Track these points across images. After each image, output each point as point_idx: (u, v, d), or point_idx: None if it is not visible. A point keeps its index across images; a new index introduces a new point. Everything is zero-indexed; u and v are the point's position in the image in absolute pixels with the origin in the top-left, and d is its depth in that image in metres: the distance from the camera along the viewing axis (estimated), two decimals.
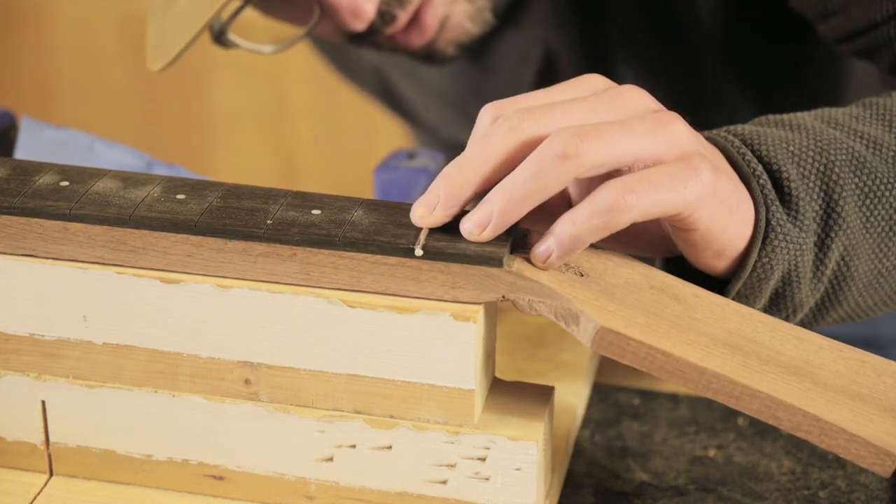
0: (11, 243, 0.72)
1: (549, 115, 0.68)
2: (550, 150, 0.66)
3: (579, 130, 0.67)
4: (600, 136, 0.67)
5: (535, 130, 0.68)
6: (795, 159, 0.74)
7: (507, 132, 0.68)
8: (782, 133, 0.75)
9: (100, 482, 0.76)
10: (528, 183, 0.67)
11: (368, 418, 0.71)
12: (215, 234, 0.70)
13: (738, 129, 0.76)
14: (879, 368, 0.71)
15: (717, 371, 0.67)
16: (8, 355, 0.74)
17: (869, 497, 0.78)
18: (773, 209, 0.72)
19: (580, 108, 0.69)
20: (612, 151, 0.67)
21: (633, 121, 0.68)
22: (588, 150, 0.66)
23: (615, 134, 0.67)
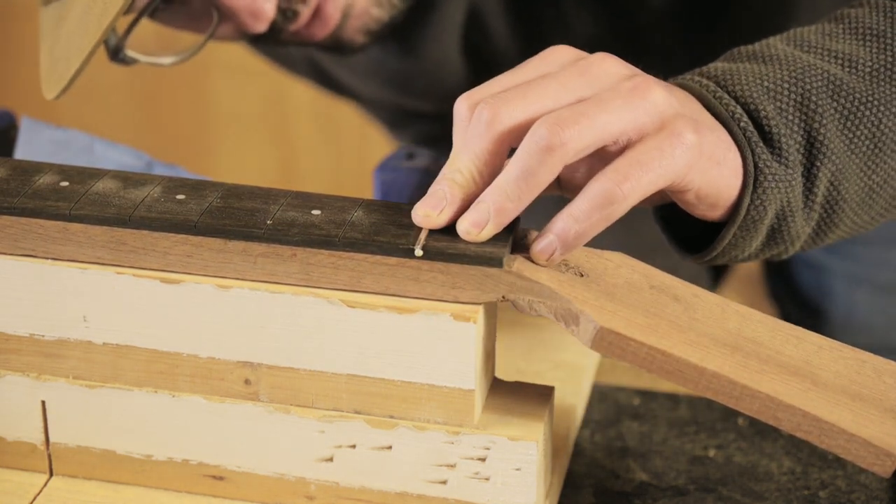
0: (11, 243, 0.72)
1: (523, 100, 0.68)
2: (535, 145, 0.66)
3: (559, 118, 0.67)
4: (580, 119, 0.67)
5: (511, 119, 0.68)
6: (771, 94, 0.74)
7: (486, 128, 0.68)
8: (755, 67, 0.75)
9: (100, 482, 0.76)
10: (519, 181, 0.67)
11: (368, 418, 0.71)
12: (215, 234, 0.70)
13: (710, 69, 0.75)
14: (879, 368, 0.71)
15: (716, 371, 0.67)
16: (8, 355, 0.74)
17: (869, 497, 0.78)
18: (757, 151, 0.72)
19: (552, 86, 0.69)
20: (594, 133, 0.67)
21: (609, 94, 0.68)
22: (571, 136, 0.66)
23: (594, 113, 0.67)
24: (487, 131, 0.68)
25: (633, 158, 0.68)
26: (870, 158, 0.75)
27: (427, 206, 0.69)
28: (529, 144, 0.67)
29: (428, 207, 0.69)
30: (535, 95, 0.68)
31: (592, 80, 0.69)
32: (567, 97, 0.68)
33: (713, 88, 0.74)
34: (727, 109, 0.73)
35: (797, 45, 0.77)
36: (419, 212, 0.69)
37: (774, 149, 0.73)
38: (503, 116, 0.68)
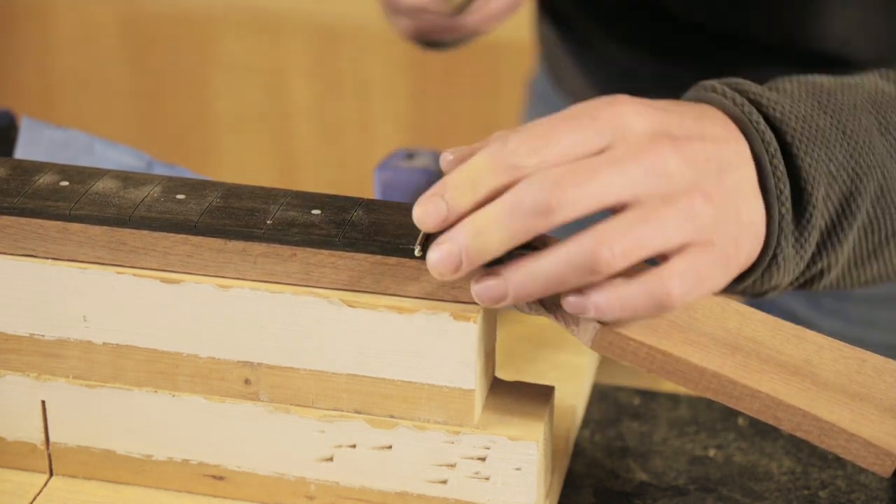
0: (11, 243, 0.72)
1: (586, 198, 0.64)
2: (526, 204, 0.63)
3: (557, 181, 0.63)
4: (580, 184, 0.63)
5: (565, 218, 0.64)
6: (828, 181, 0.70)
7: (537, 217, 0.63)
8: (827, 132, 0.70)
9: (100, 482, 0.76)
10: (498, 242, 0.64)
11: (368, 418, 0.71)
12: (215, 234, 0.70)
13: (781, 113, 0.70)
14: (879, 367, 0.71)
15: (717, 371, 0.67)
16: (8, 355, 0.74)
17: (869, 497, 0.78)
18: (783, 244, 0.69)
19: (616, 180, 0.64)
20: (592, 201, 0.64)
21: (618, 159, 0.64)
22: (567, 203, 0.63)
23: (598, 178, 0.64)
24: (535, 220, 0.64)
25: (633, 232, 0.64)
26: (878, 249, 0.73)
27: (444, 265, 0.65)
28: (520, 202, 0.63)
29: (445, 266, 0.65)
30: (594, 189, 0.64)
31: (651, 176, 0.64)
32: (623, 195, 0.64)
33: (772, 146, 0.69)
34: (777, 185, 0.68)
35: (878, 120, 0.72)
36: (437, 269, 0.66)
37: (800, 234, 0.70)
38: (560, 214, 0.63)
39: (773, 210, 0.69)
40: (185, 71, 2.27)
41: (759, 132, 0.69)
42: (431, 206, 0.65)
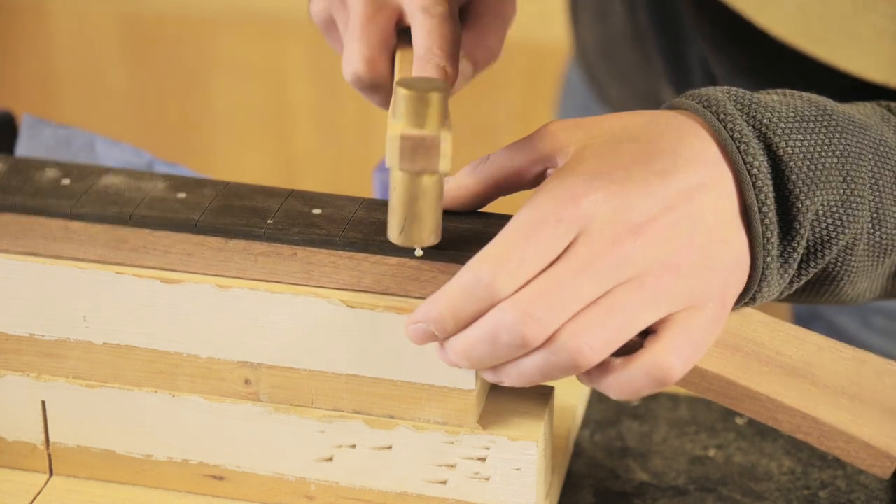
0: (13, 241, 0.72)
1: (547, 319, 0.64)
2: (504, 340, 0.64)
3: (529, 312, 0.64)
4: (553, 304, 0.64)
5: None
6: (814, 219, 0.68)
7: (491, 344, 0.65)
8: (831, 175, 0.68)
9: (100, 482, 0.76)
10: (491, 364, 0.66)
11: (368, 418, 0.71)
12: (216, 233, 0.70)
13: (792, 148, 0.68)
14: (879, 369, 0.71)
15: (717, 373, 0.67)
16: (8, 355, 0.74)
17: (869, 497, 0.78)
18: (767, 271, 0.68)
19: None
20: (566, 313, 0.64)
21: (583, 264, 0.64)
22: (544, 327, 0.64)
23: (567, 291, 0.64)
24: (515, 351, 0.65)
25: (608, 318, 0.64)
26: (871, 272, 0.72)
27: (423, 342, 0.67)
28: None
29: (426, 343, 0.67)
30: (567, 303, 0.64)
31: (617, 270, 0.65)
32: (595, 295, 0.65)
33: (763, 180, 0.67)
34: (763, 221, 0.67)
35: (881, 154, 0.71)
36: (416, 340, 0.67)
37: (783, 261, 0.69)
38: (540, 336, 0.64)
39: (757, 239, 0.68)
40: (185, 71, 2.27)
41: (753, 176, 0.68)
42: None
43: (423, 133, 0.63)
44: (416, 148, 0.63)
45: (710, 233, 0.66)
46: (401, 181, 0.65)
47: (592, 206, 0.65)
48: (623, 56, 1.10)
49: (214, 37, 2.24)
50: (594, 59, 1.15)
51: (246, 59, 2.25)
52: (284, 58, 2.23)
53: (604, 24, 1.12)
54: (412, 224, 0.66)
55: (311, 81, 2.23)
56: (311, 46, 2.20)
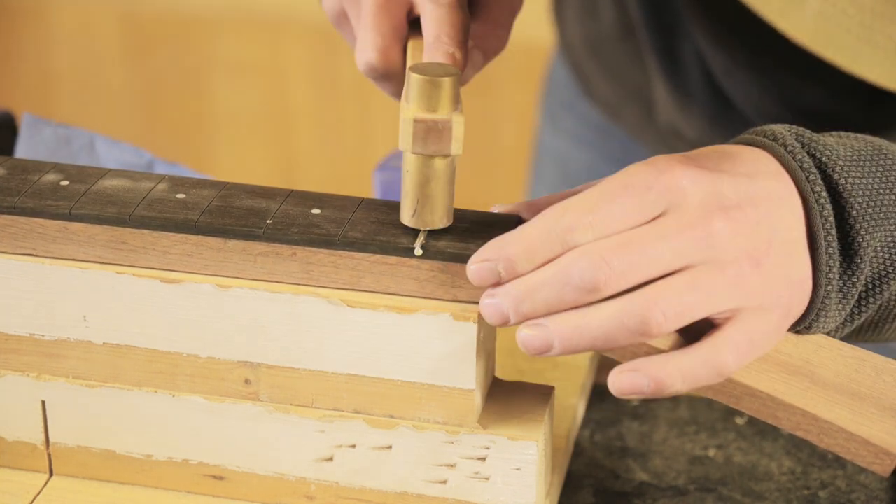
0: (12, 242, 0.72)
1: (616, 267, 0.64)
2: (574, 282, 0.64)
3: (605, 257, 0.64)
4: (629, 258, 0.64)
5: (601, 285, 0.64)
6: (874, 255, 0.69)
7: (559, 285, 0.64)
8: (889, 210, 0.69)
9: (100, 482, 0.76)
10: (543, 309, 0.65)
11: (368, 418, 0.71)
12: (215, 233, 0.70)
13: (851, 185, 0.69)
14: (879, 367, 0.71)
15: None
16: (8, 355, 0.74)
17: (869, 497, 0.78)
18: (827, 301, 0.68)
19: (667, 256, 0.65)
20: (641, 273, 0.64)
21: (668, 230, 0.65)
22: (616, 279, 0.64)
23: (647, 251, 0.64)
24: (582, 296, 0.64)
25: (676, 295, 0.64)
26: None
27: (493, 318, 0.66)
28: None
29: (494, 319, 0.66)
30: (643, 262, 0.64)
31: (701, 247, 0.65)
32: (672, 265, 0.65)
33: (828, 217, 0.68)
34: (827, 250, 0.68)
35: None
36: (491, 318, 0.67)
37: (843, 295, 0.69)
38: (610, 287, 0.64)
39: (821, 267, 0.68)
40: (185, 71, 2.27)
41: (820, 205, 0.68)
42: (486, 272, 0.66)
43: (436, 116, 0.65)
44: (429, 131, 0.65)
45: (785, 244, 0.67)
46: (414, 164, 0.67)
47: (686, 181, 0.65)
48: (613, 53, 1.10)
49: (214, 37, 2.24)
50: (582, 56, 1.15)
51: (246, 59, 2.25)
52: (284, 58, 2.23)
53: (592, 21, 1.12)
54: (424, 206, 0.68)
55: (311, 81, 2.23)
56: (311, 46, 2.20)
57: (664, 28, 1.03)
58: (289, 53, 2.22)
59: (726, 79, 1.00)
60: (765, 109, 0.99)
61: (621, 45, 1.09)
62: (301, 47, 2.21)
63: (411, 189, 0.67)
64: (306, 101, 2.25)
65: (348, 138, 2.25)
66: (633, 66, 1.08)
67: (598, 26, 1.11)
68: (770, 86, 0.98)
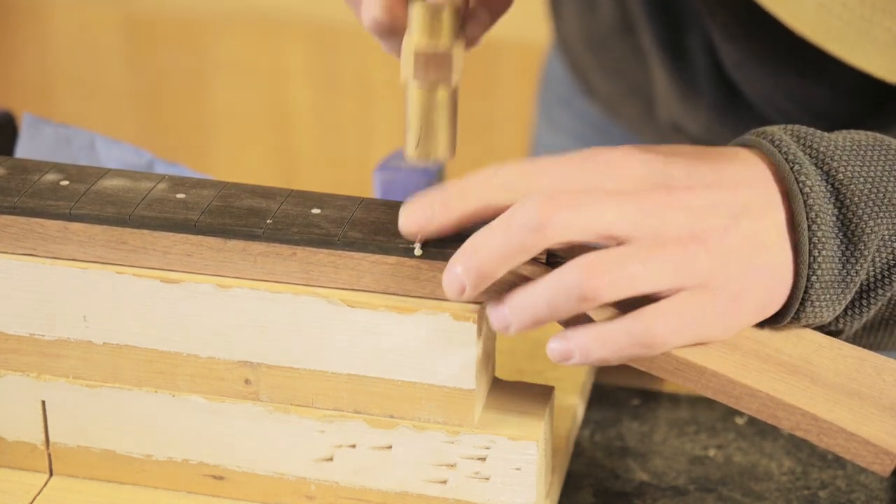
0: (12, 243, 0.72)
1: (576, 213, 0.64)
2: (517, 220, 0.64)
3: (554, 200, 0.64)
4: (576, 208, 0.64)
5: (560, 237, 0.65)
6: (880, 244, 0.68)
7: (531, 232, 0.64)
8: (894, 198, 0.68)
9: (100, 482, 0.76)
10: (495, 259, 0.65)
11: (368, 418, 0.71)
12: (215, 233, 0.70)
13: (852, 173, 0.68)
14: (879, 366, 0.71)
15: (716, 371, 0.67)
16: (8, 355, 0.74)
17: (869, 497, 0.78)
18: (813, 294, 0.68)
19: (612, 207, 0.65)
20: (585, 225, 0.64)
21: (614, 194, 0.65)
22: (561, 223, 0.64)
23: (593, 205, 0.64)
24: (527, 237, 0.64)
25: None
26: None
27: (450, 288, 0.67)
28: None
29: (452, 290, 0.67)
30: (589, 215, 0.64)
31: (647, 217, 0.65)
32: (617, 228, 0.65)
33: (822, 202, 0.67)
34: (812, 238, 0.67)
35: None
36: (449, 289, 0.67)
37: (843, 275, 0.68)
38: (551, 232, 0.64)
39: (803, 256, 0.67)
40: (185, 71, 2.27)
41: (804, 193, 0.68)
42: (418, 208, 0.67)
43: (437, 45, 0.67)
44: (430, 60, 0.67)
45: (750, 232, 0.67)
46: (416, 94, 0.68)
47: (632, 161, 0.66)
48: (612, 49, 1.10)
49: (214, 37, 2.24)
50: (579, 51, 1.15)
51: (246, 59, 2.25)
52: (284, 58, 2.23)
53: (590, 16, 1.12)
54: (427, 136, 0.69)
55: (311, 81, 2.23)
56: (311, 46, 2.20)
57: (669, 22, 1.03)
58: (289, 53, 2.22)
59: (737, 71, 1.00)
60: (775, 103, 0.99)
61: (620, 40, 1.09)
62: (301, 47, 2.21)
63: (414, 120, 0.69)
64: (306, 101, 2.25)
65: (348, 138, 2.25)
66: (633, 61, 1.08)
67: (597, 22, 1.11)
68: (781, 79, 0.98)
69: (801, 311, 0.69)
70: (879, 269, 0.69)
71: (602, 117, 1.15)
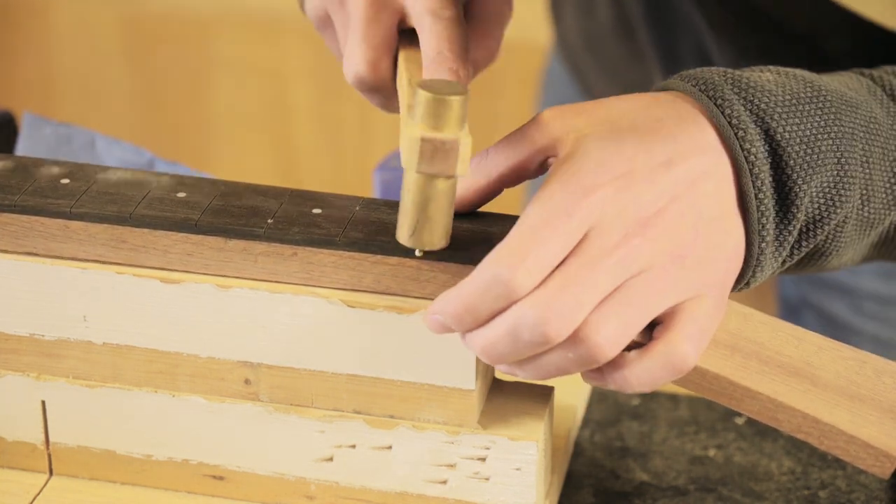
0: (12, 241, 0.72)
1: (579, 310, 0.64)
2: (525, 338, 0.64)
3: (550, 309, 0.63)
4: (570, 301, 0.64)
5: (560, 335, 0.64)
6: (810, 200, 0.69)
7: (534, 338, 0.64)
8: (826, 157, 0.69)
9: (100, 482, 0.76)
10: (512, 361, 0.65)
11: (368, 418, 0.71)
12: (216, 232, 0.70)
13: (789, 133, 0.68)
14: (879, 369, 0.71)
15: (717, 373, 0.67)
16: (8, 355, 0.74)
17: (869, 497, 0.78)
18: (762, 255, 0.68)
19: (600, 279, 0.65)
20: (585, 310, 0.64)
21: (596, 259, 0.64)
22: (565, 324, 0.64)
23: (584, 287, 0.64)
24: (536, 349, 0.64)
25: None
26: None
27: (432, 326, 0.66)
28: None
29: (434, 328, 0.66)
30: (584, 297, 0.64)
31: (628, 263, 0.65)
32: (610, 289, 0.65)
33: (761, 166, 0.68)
34: (758, 204, 0.68)
35: None
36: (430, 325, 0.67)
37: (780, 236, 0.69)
38: (561, 333, 0.64)
39: (753, 226, 0.68)
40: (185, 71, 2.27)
41: (750, 163, 0.68)
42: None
43: (444, 136, 0.63)
44: (436, 151, 0.63)
45: (712, 222, 0.67)
46: (415, 183, 0.65)
47: (601, 202, 0.65)
48: (610, 50, 1.10)
49: (214, 37, 2.24)
50: (579, 53, 1.15)
51: (246, 59, 2.25)
52: (284, 58, 2.23)
53: (589, 18, 1.12)
54: (424, 227, 0.66)
55: (311, 81, 2.23)
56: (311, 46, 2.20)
57: (664, 24, 1.03)
58: (289, 53, 2.22)
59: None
60: None
61: (619, 41, 1.09)
62: (301, 47, 2.21)
63: (411, 209, 0.65)
64: (306, 101, 2.25)
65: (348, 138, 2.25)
66: (631, 62, 1.08)
67: (596, 23, 1.11)
68: None
69: (752, 278, 0.69)
70: (805, 224, 0.69)
71: None
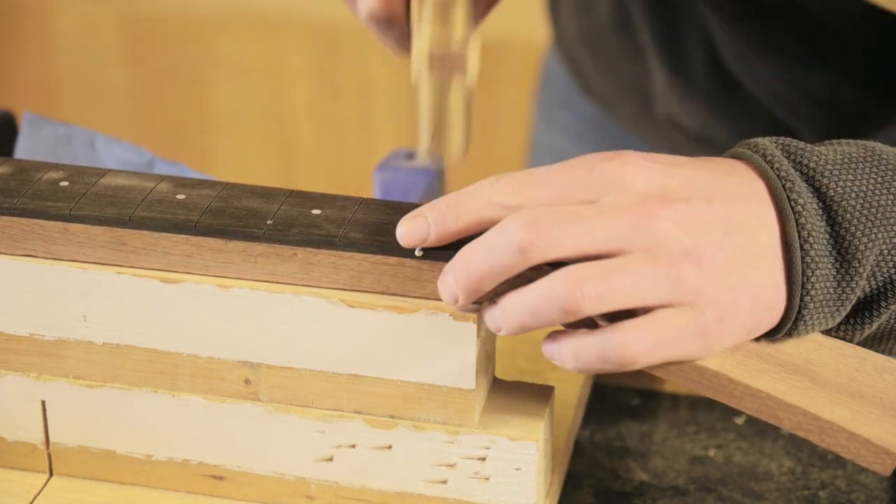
0: (12, 244, 0.72)
1: (564, 235, 0.63)
2: (503, 241, 0.63)
3: (537, 220, 0.63)
4: (562, 227, 0.63)
5: (546, 255, 0.64)
6: (878, 260, 0.67)
7: (517, 254, 0.64)
8: (887, 211, 0.67)
9: (100, 482, 0.76)
10: (482, 276, 0.65)
11: (368, 418, 0.71)
12: (215, 234, 0.70)
13: (843, 189, 0.67)
14: (879, 366, 0.71)
15: (716, 370, 0.67)
16: (8, 355, 0.74)
17: (869, 497, 0.78)
18: (807, 314, 0.67)
19: (599, 226, 0.64)
20: (573, 244, 0.63)
21: (605, 210, 0.64)
22: (545, 244, 0.63)
23: (581, 224, 0.63)
24: (512, 258, 0.64)
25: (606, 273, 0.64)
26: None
27: (443, 295, 0.67)
28: (501, 240, 0.64)
29: (444, 296, 0.67)
30: (576, 233, 0.63)
31: (638, 232, 0.64)
32: (607, 245, 0.64)
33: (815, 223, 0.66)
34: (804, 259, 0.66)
35: None
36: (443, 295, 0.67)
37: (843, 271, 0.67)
38: (539, 251, 0.63)
39: (795, 276, 0.66)
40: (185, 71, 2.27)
41: (797, 212, 0.67)
42: (414, 225, 0.67)
43: (451, 39, 0.65)
44: (445, 55, 0.65)
45: (742, 250, 0.65)
46: (429, 90, 0.66)
47: (630, 172, 0.64)
48: (609, 46, 1.10)
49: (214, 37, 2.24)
50: (577, 50, 1.15)
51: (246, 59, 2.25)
52: (284, 58, 2.23)
53: (587, 14, 1.12)
54: (441, 133, 0.67)
55: (311, 81, 2.23)
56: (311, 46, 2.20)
57: (666, 18, 1.02)
58: (289, 53, 2.22)
59: (737, 62, 0.99)
60: (778, 93, 0.99)
61: (617, 37, 1.09)
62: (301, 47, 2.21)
63: (427, 116, 0.67)
64: (306, 101, 2.25)
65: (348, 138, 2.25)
66: (630, 58, 1.08)
67: (594, 20, 1.11)
68: (784, 69, 0.97)
69: (794, 329, 0.68)
70: (881, 283, 0.68)
71: (600, 115, 1.15)
